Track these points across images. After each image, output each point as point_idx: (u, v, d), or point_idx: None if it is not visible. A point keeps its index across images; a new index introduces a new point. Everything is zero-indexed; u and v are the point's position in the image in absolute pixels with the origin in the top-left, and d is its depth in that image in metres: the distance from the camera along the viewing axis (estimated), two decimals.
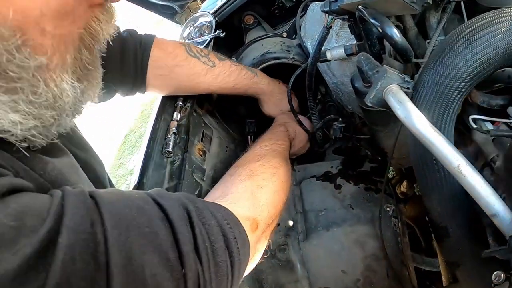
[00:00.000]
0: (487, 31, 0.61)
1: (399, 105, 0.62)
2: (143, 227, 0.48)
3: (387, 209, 0.98)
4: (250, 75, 1.14)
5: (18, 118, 0.46)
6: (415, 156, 0.72)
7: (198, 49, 1.07)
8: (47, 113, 0.50)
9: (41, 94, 0.48)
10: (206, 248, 0.53)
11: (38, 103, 0.48)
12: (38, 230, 0.40)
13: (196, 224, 0.53)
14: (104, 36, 0.56)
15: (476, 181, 0.57)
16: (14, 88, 0.46)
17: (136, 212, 0.49)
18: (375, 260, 0.94)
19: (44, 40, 0.46)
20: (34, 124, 0.49)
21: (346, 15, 0.80)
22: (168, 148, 0.97)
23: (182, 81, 1.05)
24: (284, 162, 0.93)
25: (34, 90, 0.47)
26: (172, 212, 0.52)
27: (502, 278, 0.53)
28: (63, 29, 0.48)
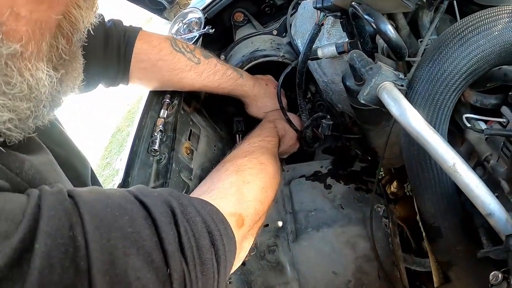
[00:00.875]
0: (483, 28, 0.60)
1: (393, 103, 0.60)
2: (125, 227, 0.46)
3: (378, 209, 0.97)
4: (235, 75, 1.13)
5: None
6: (408, 155, 0.71)
7: (184, 44, 1.05)
8: (22, 104, 0.46)
9: (15, 84, 0.45)
10: (191, 246, 0.51)
11: (12, 94, 0.45)
12: (12, 236, 0.37)
13: (181, 221, 0.51)
14: (85, 25, 0.52)
15: (472, 180, 0.56)
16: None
17: (118, 212, 0.47)
18: (366, 261, 0.93)
19: (18, 26, 0.43)
20: (9, 117, 0.45)
21: (338, 12, 0.79)
22: (155, 146, 0.95)
23: (164, 75, 1.03)
24: (273, 159, 0.92)
25: (8, 80, 0.44)
26: (155, 210, 0.50)
27: (500, 278, 0.52)
28: (40, 14, 0.45)
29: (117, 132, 5.09)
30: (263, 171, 0.84)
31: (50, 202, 0.42)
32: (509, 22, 0.60)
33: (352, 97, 0.81)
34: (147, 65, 0.98)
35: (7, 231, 0.37)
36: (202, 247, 0.53)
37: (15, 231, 0.37)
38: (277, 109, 1.21)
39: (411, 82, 0.67)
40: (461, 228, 0.71)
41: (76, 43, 0.54)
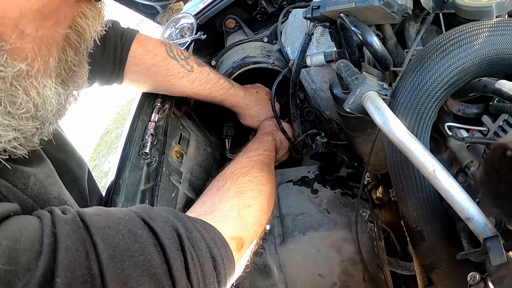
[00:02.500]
0: (464, 42, 0.63)
1: (377, 111, 0.63)
2: (137, 255, 0.47)
3: (363, 214, 0.99)
4: (227, 85, 1.14)
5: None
6: (392, 161, 0.74)
7: (179, 51, 1.06)
8: (28, 124, 0.46)
9: (20, 104, 0.44)
10: (196, 272, 0.53)
11: (18, 115, 0.44)
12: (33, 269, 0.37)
13: (187, 248, 0.53)
14: (91, 34, 0.52)
15: (451, 186, 0.58)
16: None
17: (129, 240, 0.48)
18: (352, 264, 0.95)
19: (23, 44, 0.42)
20: (15, 136, 0.45)
21: (327, 22, 0.81)
22: (145, 149, 0.96)
23: (157, 80, 1.04)
24: (271, 177, 0.93)
25: (13, 100, 0.43)
26: (163, 236, 0.51)
27: (477, 278, 0.55)
28: (45, 31, 0.44)
29: (106, 134, 5.06)
30: (263, 192, 0.85)
31: (66, 232, 0.43)
32: (489, 36, 0.63)
33: (339, 104, 0.83)
34: (141, 69, 1.00)
35: (28, 263, 0.38)
36: (206, 272, 0.55)
37: (36, 264, 0.38)
38: (271, 118, 1.22)
39: (395, 92, 0.70)
40: (443, 232, 0.74)
41: (83, 52, 0.54)
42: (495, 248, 0.54)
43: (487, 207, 0.62)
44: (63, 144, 0.70)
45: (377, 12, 0.70)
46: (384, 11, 0.69)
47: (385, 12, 0.69)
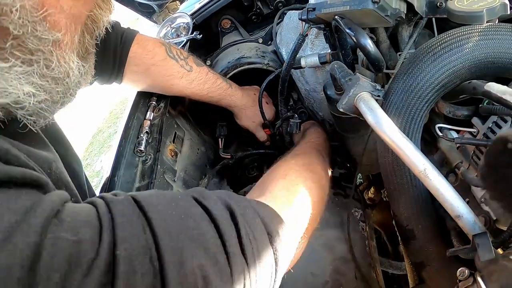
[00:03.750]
0: (455, 45, 0.65)
1: (369, 112, 0.64)
2: (191, 229, 0.48)
3: (355, 214, 1.01)
4: (224, 85, 1.15)
5: (32, 90, 0.48)
6: (384, 161, 0.75)
7: (178, 51, 1.07)
8: (57, 88, 0.52)
9: (53, 68, 0.50)
10: (252, 248, 0.52)
11: (51, 77, 0.50)
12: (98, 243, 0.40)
13: (241, 223, 0.53)
14: (103, 23, 0.59)
15: (441, 185, 0.59)
16: (30, 60, 0.48)
17: (183, 215, 0.49)
18: (344, 262, 0.96)
19: (60, 18, 0.49)
20: (45, 98, 0.51)
21: (322, 24, 0.83)
22: (141, 147, 0.97)
23: (156, 80, 1.05)
24: (321, 157, 0.92)
25: (48, 64, 0.50)
26: (217, 213, 0.51)
27: (466, 274, 0.56)
28: (76, 10, 0.51)
29: (98, 133, 5.04)
30: (311, 165, 0.84)
31: (120, 209, 0.45)
32: (479, 40, 0.64)
33: (332, 105, 0.84)
34: (140, 69, 1.01)
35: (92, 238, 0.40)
36: (261, 248, 0.54)
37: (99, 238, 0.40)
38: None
39: (387, 93, 0.71)
40: (433, 230, 0.75)
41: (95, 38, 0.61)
42: (483, 244, 0.56)
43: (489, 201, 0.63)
44: (62, 140, 0.71)
45: (371, 15, 0.71)
46: (378, 15, 0.70)
47: (379, 15, 0.70)
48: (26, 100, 0.48)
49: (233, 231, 0.51)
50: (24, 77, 0.47)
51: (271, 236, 0.56)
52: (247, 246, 0.51)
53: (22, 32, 0.45)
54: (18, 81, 0.47)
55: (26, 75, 0.47)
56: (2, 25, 0.44)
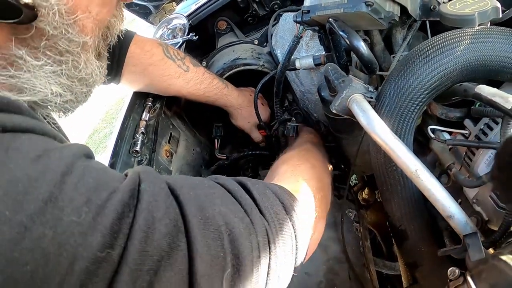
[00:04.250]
0: (446, 48, 0.65)
1: (362, 113, 0.65)
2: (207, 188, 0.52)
3: (349, 214, 1.02)
4: (221, 85, 1.16)
5: (59, 90, 0.52)
6: (376, 162, 0.76)
7: (175, 52, 1.08)
8: (82, 88, 0.56)
9: (80, 70, 0.54)
10: (267, 207, 0.55)
11: (77, 78, 0.54)
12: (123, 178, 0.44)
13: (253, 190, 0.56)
14: (116, 31, 0.63)
15: (433, 185, 0.60)
16: (60, 61, 0.51)
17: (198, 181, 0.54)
18: (338, 262, 0.97)
19: (88, 23, 0.53)
20: (70, 98, 0.54)
21: (316, 26, 0.84)
22: (136, 147, 0.97)
23: (154, 80, 1.06)
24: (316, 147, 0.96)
25: (76, 65, 0.53)
26: (228, 183, 0.56)
27: (456, 273, 0.57)
28: (101, 16, 0.55)
29: (94, 133, 5.03)
30: (310, 152, 0.88)
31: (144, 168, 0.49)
32: (470, 43, 0.65)
33: (326, 106, 0.85)
34: (138, 69, 1.02)
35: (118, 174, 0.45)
36: (277, 211, 0.56)
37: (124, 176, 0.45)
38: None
39: (380, 95, 0.72)
40: (426, 231, 0.76)
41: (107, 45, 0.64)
42: (474, 244, 0.57)
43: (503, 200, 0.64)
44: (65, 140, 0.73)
45: (365, 18, 0.72)
46: (371, 17, 0.71)
47: (373, 18, 0.71)
48: (52, 100, 0.52)
49: (246, 196, 0.55)
50: (53, 76, 0.51)
51: (284, 205, 0.58)
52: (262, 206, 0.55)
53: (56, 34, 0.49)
54: (47, 80, 0.50)
55: (55, 75, 0.51)
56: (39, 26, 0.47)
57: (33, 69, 0.49)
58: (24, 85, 0.49)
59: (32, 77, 0.49)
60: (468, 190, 0.71)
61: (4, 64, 0.48)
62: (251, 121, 1.26)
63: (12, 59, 0.48)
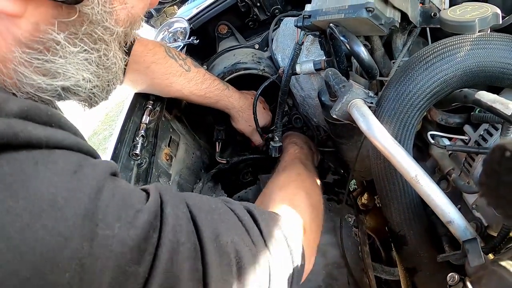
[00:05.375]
0: (447, 54, 0.66)
1: (362, 118, 0.65)
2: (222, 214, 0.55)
3: (348, 219, 1.02)
4: (222, 86, 1.16)
5: (89, 76, 0.53)
6: (376, 167, 0.76)
7: (177, 53, 1.09)
8: (108, 76, 0.57)
9: (109, 58, 0.55)
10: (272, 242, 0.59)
11: (106, 66, 0.55)
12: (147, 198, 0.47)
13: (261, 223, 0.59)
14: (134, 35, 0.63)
15: (433, 190, 0.60)
16: (93, 48, 0.52)
17: (214, 205, 0.56)
18: (336, 267, 0.97)
19: (122, 13, 0.54)
20: (97, 84, 0.55)
21: (317, 31, 0.84)
22: (136, 150, 0.97)
23: (156, 78, 1.06)
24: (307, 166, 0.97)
25: (106, 53, 0.54)
26: (239, 212, 0.59)
27: (456, 279, 0.57)
28: (135, 10, 0.56)
29: (94, 135, 5.03)
30: (303, 180, 0.88)
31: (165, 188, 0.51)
32: (470, 49, 0.66)
33: (326, 111, 0.85)
34: (141, 67, 1.01)
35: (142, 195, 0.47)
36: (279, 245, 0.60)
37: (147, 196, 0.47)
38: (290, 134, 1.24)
39: (380, 101, 0.72)
40: (425, 236, 0.76)
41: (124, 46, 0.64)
42: (473, 250, 0.57)
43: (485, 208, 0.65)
44: None
45: (366, 23, 0.72)
46: (372, 23, 0.71)
47: (373, 24, 0.72)
48: (83, 85, 0.53)
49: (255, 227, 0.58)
50: (85, 63, 0.52)
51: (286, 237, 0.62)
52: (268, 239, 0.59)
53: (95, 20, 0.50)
54: (79, 66, 0.52)
55: (87, 62, 0.52)
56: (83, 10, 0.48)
57: (69, 55, 0.50)
58: (58, 70, 0.50)
59: (66, 63, 0.50)
60: (467, 195, 0.71)
61: (40, 48, 0.49)
62: (252, 125, 1.26)
63: (49, 44, 0.49)
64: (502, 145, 0.38)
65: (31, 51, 0.48)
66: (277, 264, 0.58)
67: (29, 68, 0.49)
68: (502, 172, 0.39)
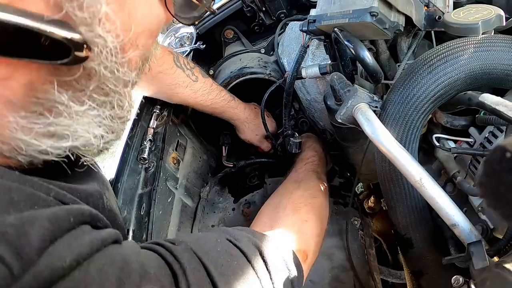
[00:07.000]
0: (450, 57, 0.66)
1: (367, 122, 0.66)
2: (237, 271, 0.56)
3: (355, 222, 1.02)
4: (228, 97, 1.17)
5: (102, 132, 0.46)
6: (381, 170, 0.76)
7: (185, 61, 1.09)
8: (122, 127, 0.51)
9: (123, 109, 0.49)
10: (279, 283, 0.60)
11: (119, 118, 0.49)
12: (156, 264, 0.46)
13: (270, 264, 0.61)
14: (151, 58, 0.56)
15: (437, 194, 0.61)
16: (104, 102, 0.45)
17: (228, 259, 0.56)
18: (342, 271, 0.97)
19: (134, 56, 0.46)
20: (111, 139, 0.49)
21: (322, 36, 0.84)
22: (144, 154, 0.99)
23: (162, 87, 1.07)
24: (321, 184, 0.97)
25: (120, 104, 0.48)
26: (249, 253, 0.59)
27: (460, 281, 0.57)
28: (146, 48, 0.49)
29: None
30: (316, 205, 0.88)
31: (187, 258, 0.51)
32: (474, 52, 0.66)
33: (332, 115, 0.85)
34: (147, 76, 1.02)
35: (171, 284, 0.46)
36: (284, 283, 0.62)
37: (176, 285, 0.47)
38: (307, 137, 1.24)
39: (385, 104, 0.72)
40: (431, 239, 0.76)
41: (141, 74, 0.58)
42: (478, 252, 0.57)
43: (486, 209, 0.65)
44: None
45: (370, 28, 0.73)
46: (376, 27, 0.71)
47: (378, 28, 0.72)
48: (95, 143, 0.46)
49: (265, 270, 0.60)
50: (96, 119, 0.45)
51: (290, 271, 0.64)
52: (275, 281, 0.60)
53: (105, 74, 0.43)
54: (90, 125, 0.45)
55: (99, 118, 0.46)
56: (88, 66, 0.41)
57: (76, 115, 0.43)
58: (65, 132, 0.43)
59: (74, 123, 0.43)
60: (473, 198, 0.71)
61: (40, 111, 0.41)
62: (259, 134, 1.27)
63: (50, 104, 0.41)
64: (503, 145, 0.38)
65: (28, 115, 0.40)
66: None
67: (29, 134, 0.41)
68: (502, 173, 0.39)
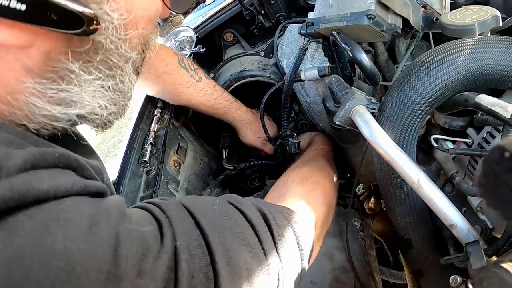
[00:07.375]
0: (447, 59, 0.67)
1: (364, 125, 0.67)
2: (233, 228, 0.54)
3: (355, 223, 1.02)
4: (230, 99, 1.18)
5: (105, 103, 0.52)
6: (380, 172, 0.77)
7: (189, 62, 1.11)
8: (124, 101, 0.56)
9: (125, 83, 0.54)
10: (283, 247, 0.58)
11: (121, 92, 0.55)
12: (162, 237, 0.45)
13: (273, 226, 0.59)
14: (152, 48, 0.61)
15: (435, 194, 0.61)
16: (108, 75, 0.51)
17: (224, 217, 0.55)
18: (343, 272, 0.97)
19: (134, 38, 0.52)
20: (113, 111, 0.55)
21: (321, 39, 0.85)
22: (145, 157, 0.99)
23: (166, 87, 1.08)
24: (329, 163, 0.98)
25: (122, 79, 0.53)
26: (251, 215, 0.58)
27: (458, 281, 0.57)
28: (146, 32, 0.55)
29: (103, 142, 5.07)
30: (324, 177, 0.89)
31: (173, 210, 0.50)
32: (470, 53, 0.66)
33: (331, 117, 0.86)
34: (151, 76, 1.04)
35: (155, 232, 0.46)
36: (291, 247, 0.60)
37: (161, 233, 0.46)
38: None
39: (382, 106, 0.73)
40: (430, 240, 0.77)
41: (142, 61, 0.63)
42: (475, 252, 0.58)
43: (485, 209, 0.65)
44: None
45: (367, 30, 0.73)
46: (373, 30, 0.72)
47: (375, 31, 0.72)
48: (99, 113, 0.52)
49: (267, 232, 0.58)
50: (101, 90, 0.51)
51: (297, 237, 0.62)
52: (279, 245, 0.58)
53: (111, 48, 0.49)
54: (95, 94, 0.50)
55: (103, 89, 0.51)
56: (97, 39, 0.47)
57: (84, 83, 0.49)
58: (73, 99, 0.48)
59: (81, 91, 0.49)
60: (472, 198, 0.71)
61: (54, 78, 0.47)
62: (261, 136, 1.27)
63: (63, 72, 0.47)
64: (502, 145, 0.39)
65: (43, 81, 0.46)
66: (287, 270, 0.58)
67: (43, 99, 0.46)
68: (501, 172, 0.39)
